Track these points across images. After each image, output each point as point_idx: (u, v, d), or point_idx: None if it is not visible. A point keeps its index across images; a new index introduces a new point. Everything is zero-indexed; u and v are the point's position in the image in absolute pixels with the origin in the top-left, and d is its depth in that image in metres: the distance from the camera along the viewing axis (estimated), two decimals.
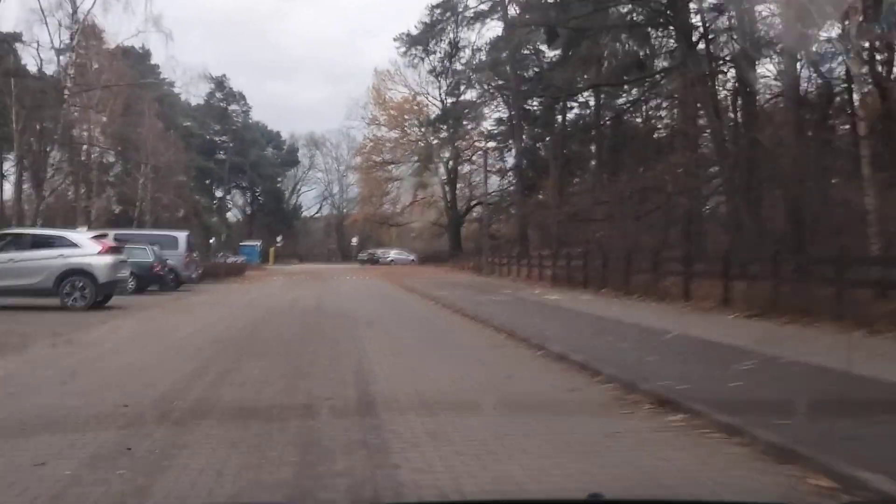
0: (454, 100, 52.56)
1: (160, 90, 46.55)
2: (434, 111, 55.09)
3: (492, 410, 5.94)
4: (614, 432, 5.16)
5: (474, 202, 55.39)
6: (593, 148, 41.24)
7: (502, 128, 49.10)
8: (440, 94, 54.50)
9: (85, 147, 38.37)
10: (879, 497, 3.57)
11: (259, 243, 63.11)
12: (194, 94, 65.89)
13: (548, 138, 43.02)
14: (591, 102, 40.33)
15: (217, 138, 69.63)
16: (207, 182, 67.69)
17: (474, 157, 54.58)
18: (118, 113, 39.10)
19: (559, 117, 41.12)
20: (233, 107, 69.49)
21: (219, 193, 71.03)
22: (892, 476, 3.72)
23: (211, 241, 51.36)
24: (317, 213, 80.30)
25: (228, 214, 75.84)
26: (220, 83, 67.57)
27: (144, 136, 40.13)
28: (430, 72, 53.06)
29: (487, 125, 51.11)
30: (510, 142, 46.46)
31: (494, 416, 5.81)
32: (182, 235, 23.09)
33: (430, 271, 38.97)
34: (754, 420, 4.95)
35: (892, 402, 5.74)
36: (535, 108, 44.41)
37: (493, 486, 3.98)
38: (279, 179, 75.06)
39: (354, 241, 70.19)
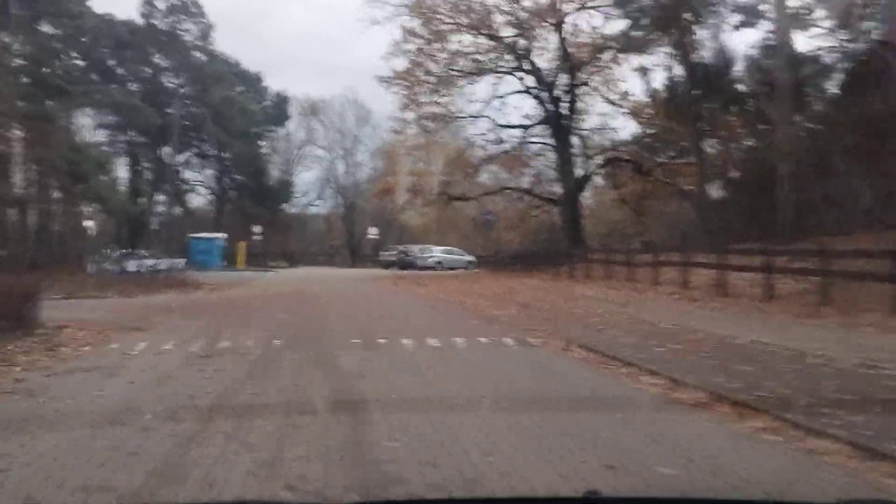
0: None
1: None
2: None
3: None
4: None
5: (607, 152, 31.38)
6: None
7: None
8: None
9: None
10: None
11: (223, 237, 39.87)
12: None
13: None
14: None
15: (166, 81, 45.86)
16: (149, 140, 44.06)
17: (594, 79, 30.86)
18: None
19: None
20: (186, 26, 45.13)
21: (191, 172, 47.44)
22: None
23: (87, 224, 27.04)
24: (316, 200, 57.43)
25: (198, 199, 52.67)
26: None
27: None
28: None
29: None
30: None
31: None
32: None
33: (651, 304, 14.65)
34: None
35: None
36: None
37: None
38: (260, 143, 51.10)
39: (373, 232, 46.96)
